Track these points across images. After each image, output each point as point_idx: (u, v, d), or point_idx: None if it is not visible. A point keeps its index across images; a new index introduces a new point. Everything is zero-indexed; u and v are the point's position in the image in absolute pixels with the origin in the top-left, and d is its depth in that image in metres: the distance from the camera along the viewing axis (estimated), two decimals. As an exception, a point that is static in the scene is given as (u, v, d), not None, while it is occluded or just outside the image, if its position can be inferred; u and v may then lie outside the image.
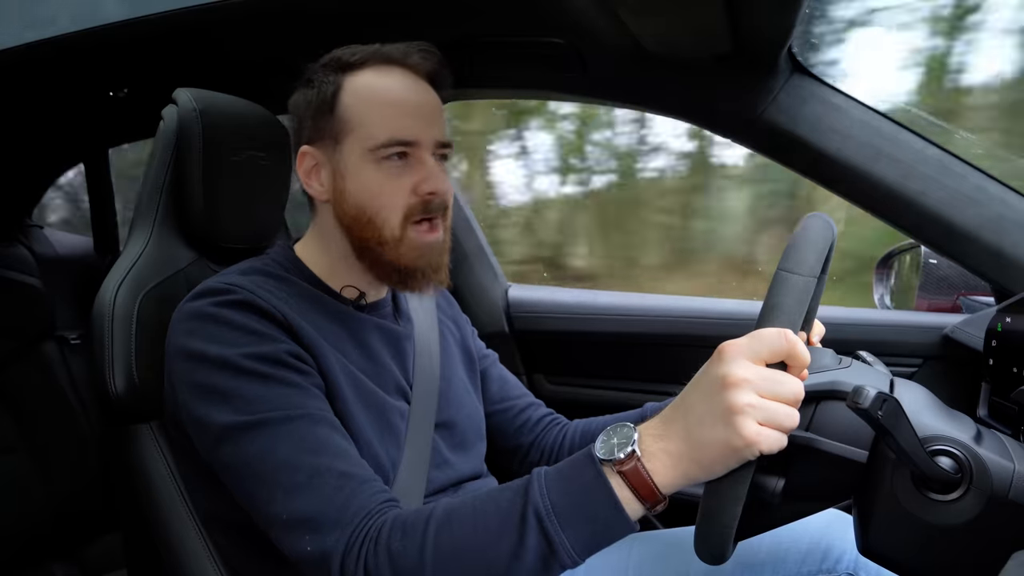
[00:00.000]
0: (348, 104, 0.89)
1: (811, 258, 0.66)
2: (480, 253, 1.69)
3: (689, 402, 0.66)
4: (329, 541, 0.73)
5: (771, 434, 0.62)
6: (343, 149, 0.90)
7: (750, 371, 0.62)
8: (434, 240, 0.92)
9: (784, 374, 0.63)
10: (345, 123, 0.89)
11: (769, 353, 0.63)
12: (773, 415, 0.62)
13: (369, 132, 0.88)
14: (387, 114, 0.88)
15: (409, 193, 0.89)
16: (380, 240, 0.90)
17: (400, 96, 0.89)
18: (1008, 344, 1.05)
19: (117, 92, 1.39)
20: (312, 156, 0.92)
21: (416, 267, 0.91)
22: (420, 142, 0.89)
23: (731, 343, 0.64)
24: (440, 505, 0.74)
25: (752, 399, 0.61)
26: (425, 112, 0.90)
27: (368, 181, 0.89)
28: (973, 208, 1.09)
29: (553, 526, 0.68)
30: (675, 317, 1.53)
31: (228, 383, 0.80)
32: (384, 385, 0.93)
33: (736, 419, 0.61)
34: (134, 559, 1.06)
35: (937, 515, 0.64)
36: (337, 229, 0.93)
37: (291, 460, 0.76)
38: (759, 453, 0.62)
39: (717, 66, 1.12)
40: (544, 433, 1.14)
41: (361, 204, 0.89)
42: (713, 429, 0.63)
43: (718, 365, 0.64)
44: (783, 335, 0.63)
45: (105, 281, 0.97)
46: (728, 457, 0.63)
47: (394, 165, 0.88)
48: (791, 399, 0.63)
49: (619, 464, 0.67)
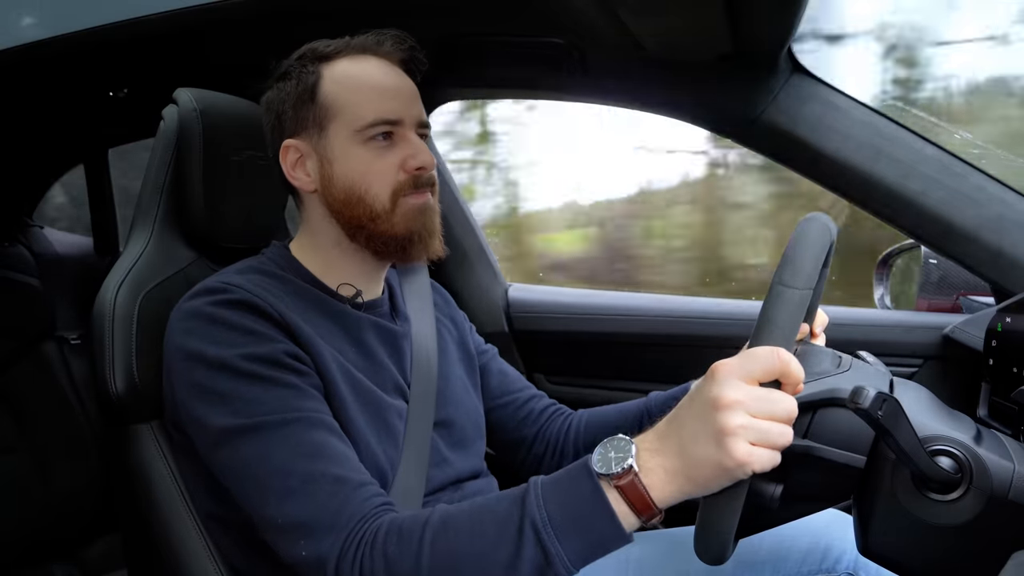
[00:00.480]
0: (330, 91, 0.91)
1: (807, 268, 0.65)
2: (480, 253, 1.69)
3: (682, 419, 0.66)
4: (324, 546, 0.73)
5: (763, 453, 0.61)
6: (328, 134, 0.91)
7: (741, 392, 0.62)
8: (425, 202, 0.93)
9: (777, 392, 0.63)
10: (328, 109, 0.91)
11: (762, 372, 0.63)
12: (765, 435, 0.61)
13: (355, 113, 0.90)
14: (370, 96, 0.90)
15: (397, 169, 0.91)
16: (372, 215, 0.91)
17: (380, 79, 0.92)
18: (1008, 344, 1.05)
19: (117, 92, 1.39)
20: (296, 148, 0.93)
21: (412, 232, 0.92)
22: (404, 121, 0.91)
23: (723, 363, 0.64)
24: (436, 511, 0.74)
25: (743, 420, 0.61)
26: (405, 94, 0.93)
27: (356, 162, 0.90)
28: (973, 208, 1.09)
29: (550, 538, 0.68)
30: (675, 317, 1.53)
31: (226, 385, 0.80)
32: (382, 384, 0.93)
33: (727, 440, 0.61)
34: (134, 559, 1.06)
35: (937, 515, 0.64)
36: (326, 218, 0.94)
37: (286, 465, 0.76)
38: (751, 472, 0.62)
39: (717, 66, 1.12)
40: (548, 424, 1.14)
41: (351, 185, 0.91)
42: (706, 448, 0.63)
43: (710, 386, 0.63)
44: (775, 354, 0.63)
45: (105, 281, 0.97)
46: (720, 476, 0.63)
47: (380, 144, 0.90)
48: (784, 417, 0.62)
49: (616, 479, 0.67)
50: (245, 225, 1.09)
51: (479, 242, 1.69)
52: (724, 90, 1.16)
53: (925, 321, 1.34)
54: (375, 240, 0.92)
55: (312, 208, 0.95)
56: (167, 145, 1.03)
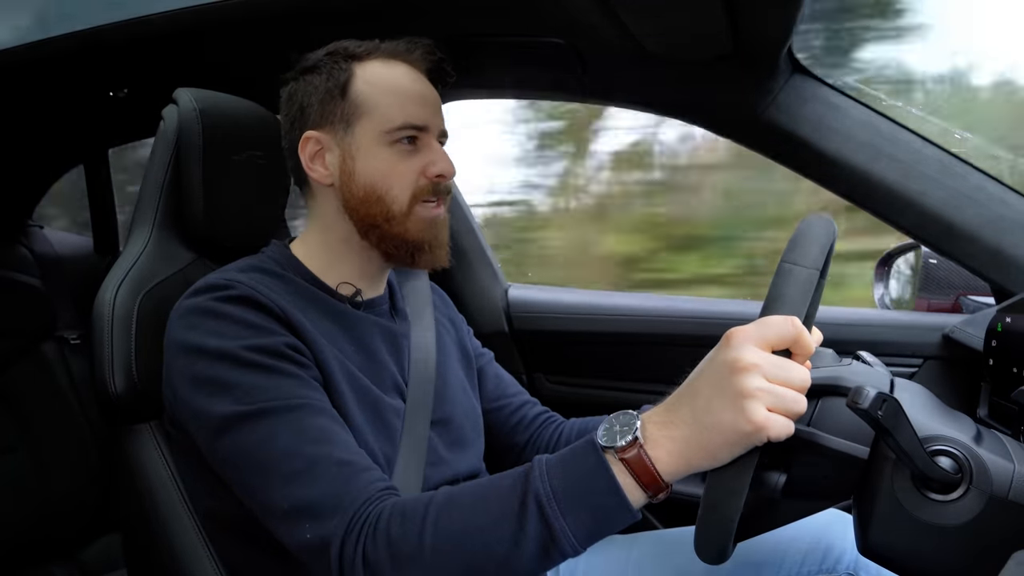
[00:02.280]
0: (362, 90, 0.92)
1: (814, 251, 0.66)
2: (480, 253, 1.69)
3: (696, 387, 0.66)
4: (329, 527, 0.73)
5: (779, 419, 0.62)
6: (355, 131, 0.92)
7: (759, 356, 0.62)
8: (438, 215, 0.95)
9: (791, 361, 0.64)
10: (359, 107, 0.92)
11: (777, 339, 0.63)
12: (782, 400, 0.62)
13: (385, 115, 0.91)
14: (401, 100, 0.92)
15: (418, 175, 0.93)
16: (388, 216, 0.92)
17: (411, 86, 0.94)
18: (1008, 344, 1.05)
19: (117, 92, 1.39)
20: (317, 140, 0.94)
21: (423, 240, 0.94)
22: (429, 128, 0.93)
23: (739, 329, 0.64)
24: (441, 491, 0.74)
25: (762, 384, 0.62)
26: (431, 102, 0.95)
27: (380, 162, 0.92)
28: (973, 208, 1.09)
29: (554, 512, 0.68)
30: (675, 317, 1.53)
31: (228, 374, 0.80)
32: (381, 382, 0.93)
33: (746, 403, 0.61)
34: (134, 559, 1.06)
35: (937, 515, 0.63)
36: (340, 213, 0.94)
37: (291, 448, 0.76)
38: (767, 439, 0.62)
39: (717, 66, 1.12)
40: (540, 431, 1.14)
41: (371, 183, 0.92)
42: (722, 414, 0.63)
43: (727, 350, 0.64)
44: (789, 321, 0.64)
45: (105, 281, 0.97)
46: (735, 443, 0.63)
47: (405, 148, 0.92)
48: (799, 385, 0.63)
49: (621, 451, 0.67)
50: (245, 225, 1.09)
51: (479, 242, 1.69)
52: (724, 90, 1.16)
53: (925, 321, 1.34)
54: (386, 241, 0.94)
55: (325, 202, 0.96)
56: (167, 145, 1.03)
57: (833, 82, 1.14)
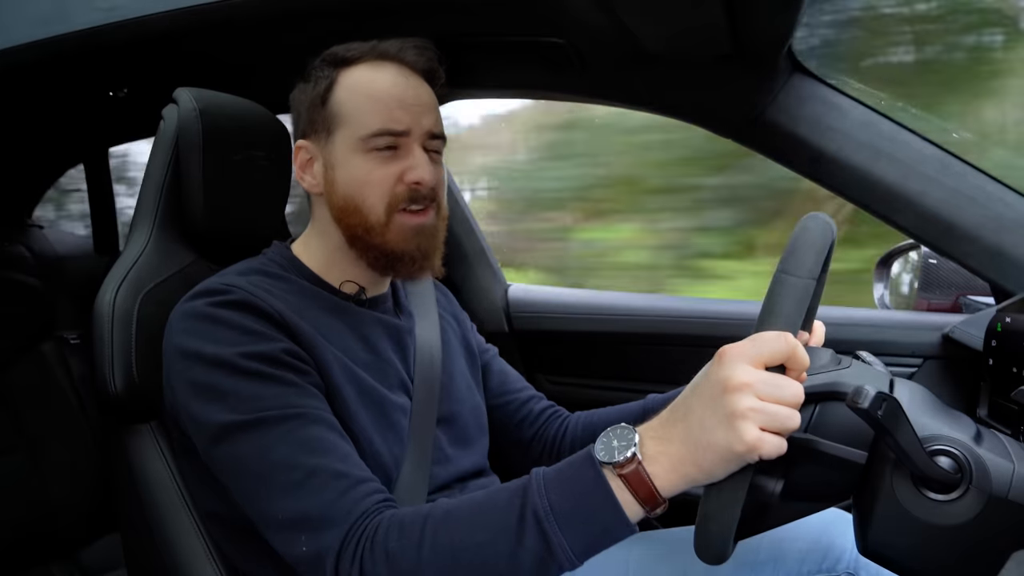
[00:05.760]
0: (341, 98, 0.91)
1: (810, 259, 0.66)
2: (480, 253, 1.69)
3: (690, 405, 0.66)
4: (325, 541, 0.73)
5: (772, 438, 0.62)
6: (335, 140, 0.91)
7: (751, 375, 0.62)
8: (421, 222, 0.92)
9: (784, 377, 0.63)
10: (336, 116, 0.91)
11: (769, 356, 0.63)
12: (774, 418, 0.62)
13: (360, 122, 0.90)
14: (378, 106, 0.90)
15: (395, 181, 0.90)
16: (367, 226, 0.91)
17: (392, 89, 0.91)
18: (1008, 344, 1.05)
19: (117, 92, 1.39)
20: (306, 150, 0.94)
21: (404, 251, 0.92)
22: (410, 132, 0.91)
23: (731, 347, 0.64)
24: (438, 505, 0.74)
25: (754, 403, 0.61)
26: (417, 104, 0.92)
27: (356, 170, 0.90)
28: (973, 208, 1.09)
29: (552, 527, 0.67)
30: (675, 317, 1.53)
31: (225, 382, 0.80)
32: (386, 380, 0.93)
33: (738, 423, 0.61)
34: (134, 559, 1.05)
35: (937, 515, 0.63)
36: (331, 221, 0.94)
37: (287, 459, 0.76)
38: (759, 458, 0.62)
39: (717, 66, 1.12)
40: (545, 426, 1.14)
41: (349, 193, 0.91)
42: (714, 433, 0.63)
43: (719, 369, 0.64)
44: (783, 338, 0.63)
45: (105, 281, 0.97)
46: (729, 461, 0.63)
47: (383, 155, 0.90)
48: (792, 402, 0.63)
49: (619, 467, 0.67)
50: (245, 225, 1.09)
51: (479, 242, 1.69)
52: (724, 90, 1.15)
53: (925, 321, 1.34)
54: (369, 252, 0.93)
55: (320, 209, 0.96)
56: (167, 145, 1.03)
57: (833, 82, 1.14)
